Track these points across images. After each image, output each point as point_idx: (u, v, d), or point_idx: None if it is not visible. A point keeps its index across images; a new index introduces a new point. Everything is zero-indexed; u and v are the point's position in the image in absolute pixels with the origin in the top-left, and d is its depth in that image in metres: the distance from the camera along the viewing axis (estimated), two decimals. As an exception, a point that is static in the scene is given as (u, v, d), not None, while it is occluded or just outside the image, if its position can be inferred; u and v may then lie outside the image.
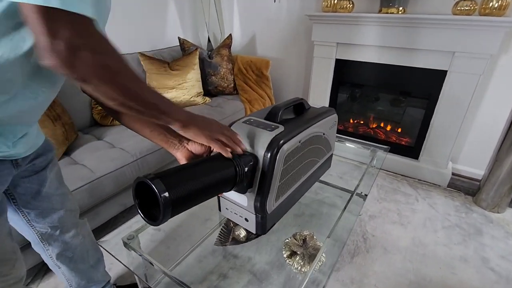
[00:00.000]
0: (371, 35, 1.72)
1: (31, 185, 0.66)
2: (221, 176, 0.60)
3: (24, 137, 0.56)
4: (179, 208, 0.50)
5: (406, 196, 1.68)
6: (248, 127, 0.76)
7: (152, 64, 1.80)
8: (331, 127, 0.99)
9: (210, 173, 0.57)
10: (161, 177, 0.46)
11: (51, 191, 0.71)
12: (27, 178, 0.65)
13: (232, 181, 0.63)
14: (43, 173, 0.68)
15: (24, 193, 0.66)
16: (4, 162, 0.55)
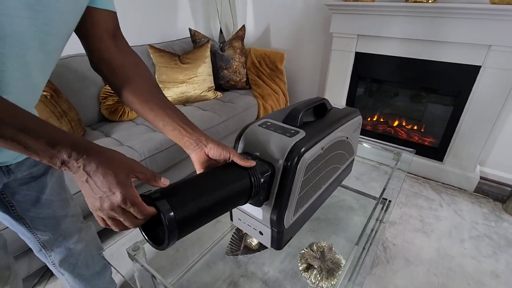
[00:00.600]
0: (396, 27, 1.59)
1: (30, 192, 0.63)
2: (235, 189, 0.53)
3: None
4: (188, 229, 0.44)
5: (429, 201, 1.57)
6: (264, 131, 0.68)
7: (162, 57, 1.73)
8: (355, 130, 0.90)
9: (223, 187, 0.50)
10: (167, 196, 0.41)
11: (52, 198, 0.68)
12: (25, 185, 0.61)
13: (247, 194, 0.56)
14: (42, 179, 0.64)
15: (23, 200, 0.63)
16: None
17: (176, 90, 1.74)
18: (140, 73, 0.55)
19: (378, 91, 1.96)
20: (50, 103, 1.15)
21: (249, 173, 0.56)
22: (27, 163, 0.58)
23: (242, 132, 0.71)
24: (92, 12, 0.52)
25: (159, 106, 0.53)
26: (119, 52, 0.55)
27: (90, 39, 0.53)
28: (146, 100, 0.53)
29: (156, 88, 0.56)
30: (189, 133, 0.54)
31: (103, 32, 0.54)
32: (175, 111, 0.54)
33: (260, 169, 0.59)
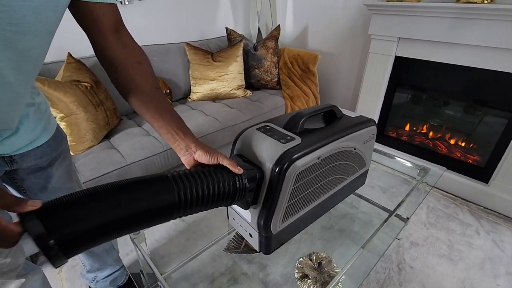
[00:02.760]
0: (443, 30, 1.44)
1: (37, 180, 0.69)
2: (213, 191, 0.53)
3: (8, 138, 0.56)
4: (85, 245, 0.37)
5: (464, 226, 1.41)
6: (260, 135, 0.68)
7: (196, 55, 1.81)
8: (367, 140, 0.85)
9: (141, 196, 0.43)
10: (47, 214, 0.34)
11: (58, 186, 0.74)
12: (33, 174, 0.68)
13: (230, 196, 0.56)
14: (48, 170, 0.70)
15: (31, 187, 0.69)
16: None
17: (206, 86, 1.80)
18: (141, 72, 0.56)
19: (418, 100, 1.80)
20: (89, 93, 1.29)
21: (235, 177, 0.56)
22: (32, 155, 0.63)
23: (240, 134, 0.72)
24: (90, 7, 0.50)
25: (156, 108, 0.55)
26: (121, 48, 0.55)
27: (92, 36, 0.53)
28: (144, 101, 0.55)
29: (156, 89, 0.57)
30: (181, 138, 0.56)
31: (104, 28, 0.53)
32: (171, 115, 0.56)
33: (248, 174, 0.59)
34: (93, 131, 1.29)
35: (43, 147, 0.65)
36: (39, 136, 0.63)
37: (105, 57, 0.55)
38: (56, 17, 0.46)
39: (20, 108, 0.55)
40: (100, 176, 1.15)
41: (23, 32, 0.42)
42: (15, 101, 0.51)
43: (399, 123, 1.90)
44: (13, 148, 0.58)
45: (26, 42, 0.44)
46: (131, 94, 0.55)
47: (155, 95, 0.56)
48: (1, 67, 0.43)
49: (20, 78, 0.48)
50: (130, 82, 0.55)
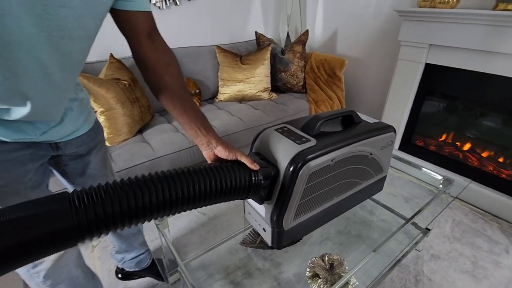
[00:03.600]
0: (479, 38, 1.38)
1: (77, 166, 0.78)
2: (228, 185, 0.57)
3: (54, 128, 0.63)
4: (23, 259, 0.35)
5: (492, 243, 1.34)
6: (278, 136, 0.72)
7: (225, 57, 1.89)
8: (385, 146, 0.85)
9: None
10: None
11: (95, 172, 0.82)
12: (74, 160, 0.77)
13: (245, 190, 0.60)
14: (87, 157, 0.78)
15: (72, 171, 0.79)
16: (41, 144, 0.65)
17: (233, 88, 1.88)
18: (170, 73, 0.62)
19: (449, 109, 1.73)
20: (127, 90, 1.41)
21: (251, 172, 0.61)
22: (73, 143, 0.71)
23: (259, 134, 0.76)
24: (127, 15, 0.57)
25: (182, 106, 0.61)
26: (154, 51, 0.61)
27: (129, 40, 0.60)
28: (171, 99, 0.61)
29: (183, 89, 0.63)
30: (203, 134, 0.61)
31: (140, 34, 0.59)
32: (195, 112, 0.61)
33: (263, 171, 0.63)
34: (129, 125, 1.41)
35: (83, 137, 0.73)
36: (80, 127, 0.72)
37: (139, 59, 0.62)
38: (95, 24, 0.53)
39: (65, 102, 0.63)
40: (132, 166, 1.25)
41: (68, 37, 0.49)
42: (60, 96, 0.59)
43: (427, 132, 1.83)
44: (58, 136, 0.66)
45: (70, 46, 0.50)
46: (161, 93, 0.61)
47: (182, 94, 0.62)
48: (50, 67, 0.50)
49: (65, 76, 0.55)
50: (160, 82, 0.61)
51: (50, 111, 0.59)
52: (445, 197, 1.14)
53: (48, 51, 0.48)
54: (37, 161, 0.65)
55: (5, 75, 0.46)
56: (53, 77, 0.52)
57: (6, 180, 0.59)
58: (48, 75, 0.51)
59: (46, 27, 0.45)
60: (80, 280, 0.84)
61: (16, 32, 0.42)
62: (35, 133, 0.60)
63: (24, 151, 0.61)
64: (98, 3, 0.50)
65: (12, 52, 0.44)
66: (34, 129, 0.59)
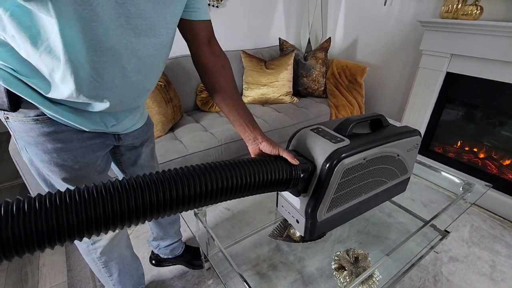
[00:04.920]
0: (501, 49, 1.42)
1: (131, 156, 0.86)
2: (273, 177, 0.62)
3: (121, 122, 0.72)
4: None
5: (510, 249, 1.36)
6: (314, 135, 0.79)
7: (250, 62, 1.98)
8: (410, 149, 0.91)
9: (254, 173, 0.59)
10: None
11: (145, 163, 0.91)
12: (129, 151, 0.85)
13: (285, 183, 0.65)
14: (140, 149, 0.87)
15: (126, 161, 0.87)
16: (109, 134, 0.73)
17: (257, 91, 1.96)
18: (224, 75, 0.70)
19: (469, 117, 1.76)
20: (163, 91, 1.52)
21: (292, 167, 0.68)
22: (131, 136, 0.79)
23: (296, 133, 0.84)
24: (192, 24, 0.64)
25: (233, 104, 0.68)
26: (211, 56, 0.68)
27: (191, 46, 0.68)
28: (224, 98, 0.69)
29: (234, 89, 0.70)
30: (250, 130, 0.68)
31: (201, 41, 0.67)
32: (244, 111, 0.69)
33: (302, 166, 0.70)
34: (162, 123, 1.51)
35: (139, 130, 0.82)
36: (138, 121, 0.81)
37: (198, 63, 0.70)
38: (167, 33, 0.59)
39: (139, 100, 0.71)
40: (167, 161, 1.35)
41: (143, 44, 0.56)
42: (136, 96, 0.67)
43: (446, 139, 1.86)
44: (122, 128, 0.75)
45: (145, 52, 0.58)
46: (216, 93, 0.69)
47: (233, 94, 0.70)
48: (129, 69, 0.57)
49: (140, 79, 0.62)
50: (215, 83, 0.69)
51: (127, 105, 0.68)
52: (463, 201, 1.18)
53: (128, 56, 0.55)
54: (104, 149, 0.74)
55: (93, 76, 0.54)
56: (131, 79, 0.60)
57: (81, 165, 0.69)
58: (126, 77, 0.59)
59: (126, 35, 0.52)
60: (128, 260, 0.93)
61: (104, 39, 0.49)
62: (107, 126, 0.69)
63: (96, 139, 0.70)
64: (170, 13, 0.57)
65: (100, 56, 0.51)
66: (107, 122, 0.68)
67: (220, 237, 1.54)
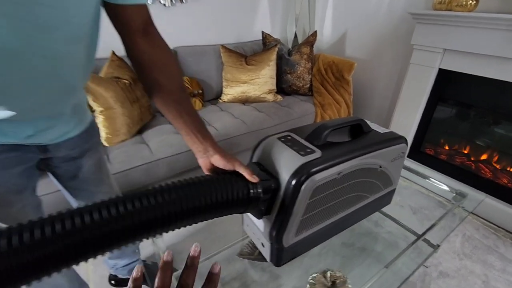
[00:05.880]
0: (497, 43, 1.32)
1: (69, 168, 0.75)
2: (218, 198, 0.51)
3: (42, 131, 0.60)
4: None
5: (505, 262, 1.27)
6: (280, 145, 0.68)
7: (230, 57, 1.85)
8: (395, 159, 0.80)
9: None
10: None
11: (88, 176, 0.79)
12: (66, 163, 0.73)
13: (242, 204, 0.55)
14: (80, 160, 0.75)
15: (64, 174, 0.75)
16: (29, 146, 0.61)
17: (237, 89, 1.83)
18: (166, 73, 0.57)
19: (462, 117, 1.67)
20: (127, 90, 1.38)
21: (249, 185, 0.56)
22: (64, 146, 0.68)
23: (260, 142, 0.72)
24: (118, 9, 0.52)
25: (177, 110, 0.56)
26: (149, 49, 0.55)
27: (122, 38, 0.55)
28: (166, 102, 0.56)
29: (179, 91, 0.58)
30: (200, 141, 0.57)
31: (133, 30, 0.54)
32: (191, 117, 0.57)
33: (263, 184, 0.59)
34: (128, 125, 1.37)
35: (75, 139, 0.70)
36: (72, 129, 0.68)
37: (132, 57, 0.57)
38: (81, 22, 0.48)
39: (61, 105, 0.59)
40: (128, 169, 1.22)
41: (48, 39, 0.45)
42: (52, 99, 0.55)
43: (438, 140, 1.77)
44: (47, 139, 0.63)
45: (53, 49, 0.46)
46: (155, 94, 0.57)
47: (178, 97, 0.57)
48: (34, 72, 0.46)
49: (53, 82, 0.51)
50: (154, 83, 0.56)
51: (44, 112, 0.56)
52: (458, 211, 1.09)
53: (30, 56, 0.44)
54: (23, 164, 0.62)
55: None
56: (39, 83, 0.49)
57: None
58: (32, 81, 0.47)
59: (25, 29, 0.41)
60: (65, 289, 0.80)
61: None
62: (19, 136, 0.56)
63: (7, 154, 0.57)
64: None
65: None
66: (19, 132, 0.56)
67: (183, 259, 1.42)
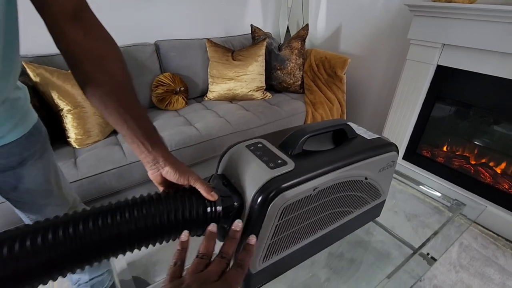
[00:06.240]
0: (499, 38, 1.22)
1: (7, 179, 0.65)
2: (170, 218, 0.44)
3: None
4: None
5: (505, 275, 1.19)
6: (249, 155, 0.58)
7: (216, 52, 1.74)
8: (384, 168, 0.71)
9: None
10: None
11: (33, 187, 0.69)
12: (3, 173, 0.64)
13: (199, 226, 0.48)
14: (19, 171, 0.65)
15: (2, 186, 0.66)
16: None
17: (223, 86, 1.73)
18: (103, 69, 0.48)
19: (462, 117, 1.57)
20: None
21: (206, 204, 0.48)
22: None
23: (228, 150, 0.62)
24: None
25: (119, 113, 0.47)
26: (82, 39, 0.46)
27: (47, 23, 0.46)
28: (104, 103, 0.47)
29: (121, 90, 0.49)
30: (147, 150, 0.48)
31: (61, 16, 0.45)
32: (137, 122, 0.48)
33: (225, 202, 0.50)
34: (100, 125, 1.27)
35: (11, 146, 0.60)
36: (7, 134, 0.59)
37: (62, 49, 0.47)
38: None
39: None
40: (97, 174, 1.12)
41: None
42: None
43: (436, 142, 1.67)
44: None
45: None
46: (90, 94, 0.47)
47: (120, 98, 0.48)
48: None
49: None
50: (89, 80, 0.47)
51: None
52: (458, 219, 1.00)
53: None
54: None
55: None
56: None
57: None
58: None
59: None
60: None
61: None
62: None
63: None
64: None
65: None
66: None
67: (166, 262, 1.34)
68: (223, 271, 0.37)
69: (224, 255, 0.39)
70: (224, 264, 0.38)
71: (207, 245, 0.40)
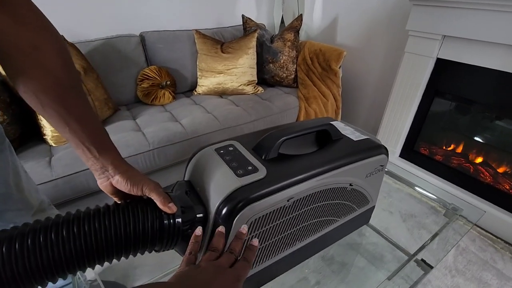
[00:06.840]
0: (503, 29, 1.15)
1: None
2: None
3: None
4: None
5: (503, 279, 1.14)
6: (216, 160, 0.53)
7: (204, 44, 1.67)
8: (372, 173, 0.65)
9: None
10: None
11: None
12: None
13: (155, 242, 0.44)
14: None
15: None
16: None
17: (212, 80, 1.66)
18: (38, 62, 0.41)
19: (462, 113, 1.50)
20: (76, 81, 1.21)
21: (164, 217, 0.43)
22: None
23: (195, 154, 0.56)
24: None
25: (59, 114, 0.41)
26: (10, 27, 0.39)
27: None
28: (41, 103, 0.41)
29: (61, 87, 0.42)
30: (94, 156, 0.43)
31: None
32: (82, 124, 0.42)
33: (185, 215, 0.45)
34: (78, 122, 1.21)
35: None
36: None
37: None
38: None
39: None
40: (72, 173, 1.06)
41: None
42: None
43: (434, 139, 1.61)
44: None
45: None
46: (23, 91, 0.41)
47: (59, 95, 0.42)
48: None
49: None
50: (19, 74, 0.40)
51: None
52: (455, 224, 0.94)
53: None
54: None
55: None
56: None
57: None
58: None
59: None
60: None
61: None
62: None
63: None
64: None
65: None
66: None
67: (149, 266, 1.27)
68: (232, 263, 0.41)
69: (232, 251, 0.42)
70: (233, 258, 0.42)
71: (217, 240, 0.43)
